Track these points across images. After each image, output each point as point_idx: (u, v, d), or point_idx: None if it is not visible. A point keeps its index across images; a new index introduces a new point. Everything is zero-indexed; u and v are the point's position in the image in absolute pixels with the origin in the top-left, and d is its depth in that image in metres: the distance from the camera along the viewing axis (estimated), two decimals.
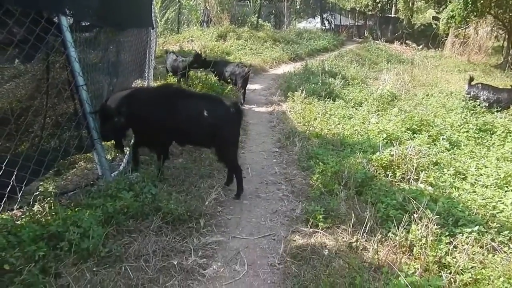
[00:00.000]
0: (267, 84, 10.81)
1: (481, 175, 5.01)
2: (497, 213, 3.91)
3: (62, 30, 3.56)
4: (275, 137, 6.35)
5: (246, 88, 8.32)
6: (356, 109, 8.16)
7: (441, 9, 21.34)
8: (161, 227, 3.45)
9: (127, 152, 4.86)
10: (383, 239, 3.33)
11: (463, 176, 4.99)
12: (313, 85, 9.34)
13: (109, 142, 4.48)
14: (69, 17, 3.63)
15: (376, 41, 24.63)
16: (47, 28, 3.50)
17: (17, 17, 3.13)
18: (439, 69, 15.90)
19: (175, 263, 3.04)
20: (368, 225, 3.41)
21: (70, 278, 2.70)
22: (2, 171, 3.25)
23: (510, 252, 3.19)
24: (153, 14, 6.93)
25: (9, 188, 3.34)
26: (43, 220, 3.11)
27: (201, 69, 8.33)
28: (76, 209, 3.34)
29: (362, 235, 3.38)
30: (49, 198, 3.29)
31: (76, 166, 4.58)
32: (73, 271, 2.78)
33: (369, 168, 4.70)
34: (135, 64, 6.00)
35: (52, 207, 3.23)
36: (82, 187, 3.86)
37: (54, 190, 3.40)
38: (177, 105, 4.02)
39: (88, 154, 4.58)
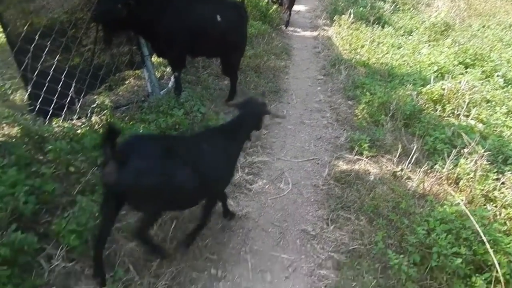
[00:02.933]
0: (312, 5, 10.24)
1: None
2: None
3: None
4: (320, 64, 6.18)
5: (292, 9, 7.94)
6: (406, 38, 7.70)
7: None
8: None
9: None
10: (429, 171, 3.34)
11: None
12: (361, 8, 8.75)
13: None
14: None
15: None
16: None
17: None
18: None
19: None
20: (414, 156, 3.41)
21: None
22: (61, 82, 3.41)
23: None
24: None
25: (68, 99, 3.52)
26: (101, 131, 3.28)
27: None
28: (131, 123, 3.49)
29: (408, 165, 3.40)
30: (105, 111, 3.45)
31: (126, 82, 4.69)
32: None
33: (418, 100, 4.57)
34: None
35: (109, 119, 3.40)
36: (134, 103, 4.00)
37: (109, 104, 3.54)
38: (192, 9, 3.79)
39: (137, 71, 4.68)
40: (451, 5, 10.39)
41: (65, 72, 3.44)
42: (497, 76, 5.86)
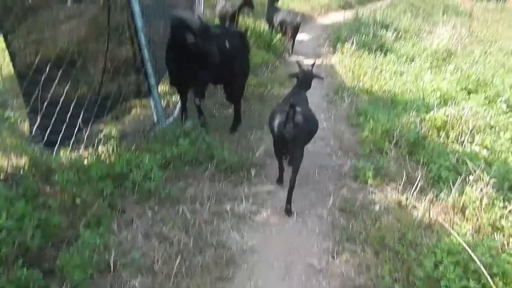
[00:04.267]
0: (315, 33, 10.44)
1: None
2: None
3: None
4: (323, 91, 6.24)
5: (295, 38, 8.10)
6: (408, 64, 7.80)
7: None
8: (215, 174, 3.60)
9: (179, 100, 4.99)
10: (434, 200, 3.32)
11: None
12: (363, 36, 8.91)
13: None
14: None
15: None
16: None
17: None
18: (500, 24, 14.74)
19: (228, 208, 3.21)
20: (418, 184, 3.40)
21: (134, 214, 2.94)
22: (70, 112, 3.46)
23: None
24: None
25: (76, 129, 3.57)
26: (107, 161, 3.32)
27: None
28: (137, 153, 3.53)
29: (412, 194, 3.38)
30: (112, 141, 3.49)
31: (132, 112, 4.76)
32: (136, 208, 3.01)
33: (421, 127, 4.59)
34: (187, 7, 5.97)
35: (116, 149, 3.44)
36: (140, 132, 4.05)
37: (116, 134, 3.59)
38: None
39: (142, 100, 4.75)
40: (453, 32, 10.53)
41: (73, 102, 3.50)
42: (500, 101, 5.89)
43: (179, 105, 4.70)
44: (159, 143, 3.73)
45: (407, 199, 3.35)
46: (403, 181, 3.50)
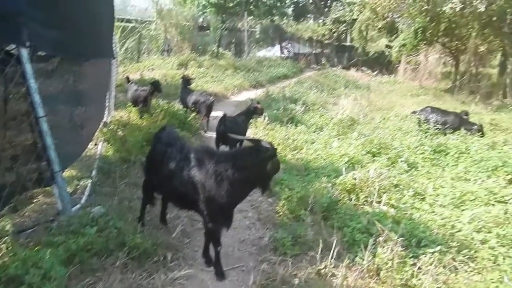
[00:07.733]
0: (229, 111, 10.73)
1: (439, 195, 5.20)
2: (456, 232, 4.07)
3: (22, 62, 3.48)
4: None
5: (210, 115, 8.35)
6: (317, 133, 8.36)
7: (393, 38, 22.65)
8: (127, 263, 3.32)
9: (88, 185, 4.72)
10: (351, 264, 3.38)
11: (422, 197, 5.17)
12: (275, 111, 9.50)
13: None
14: (29, 49, 3.55)
15: (333, 68, 25.54)
16: (5, 60, 3.41)
17: None
18: (394, 94, 16.78)
19: None
20: (335, 250, 3.45)
21: None
22: None
23: (470, 271, 3.34)
24: (113, 44, 6.89)
25: None
26: (0, 262, 2.92)
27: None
28: (36, 248, 3.16)
29: (330, 261, 3.41)
30: (6, 238, 3.11)
31: (34, 201, 4.36)
32: None
33: (333, 192, 4.80)
34: (97, 93, 5.90)
35: (10, 247, 3.06)
36: (41, 224, 3.68)
37: (11, 229, 3.21)
38: None
39: (47, 188, 4.40)
40: (354, 103, 11.73)
41: None
42: (401, 161, 6.43)
43: (87, 191, 4.43)
44: (63, 235, 3.40)
45: (325, 267, 3.36)
46: (320, 248, 3.54)
